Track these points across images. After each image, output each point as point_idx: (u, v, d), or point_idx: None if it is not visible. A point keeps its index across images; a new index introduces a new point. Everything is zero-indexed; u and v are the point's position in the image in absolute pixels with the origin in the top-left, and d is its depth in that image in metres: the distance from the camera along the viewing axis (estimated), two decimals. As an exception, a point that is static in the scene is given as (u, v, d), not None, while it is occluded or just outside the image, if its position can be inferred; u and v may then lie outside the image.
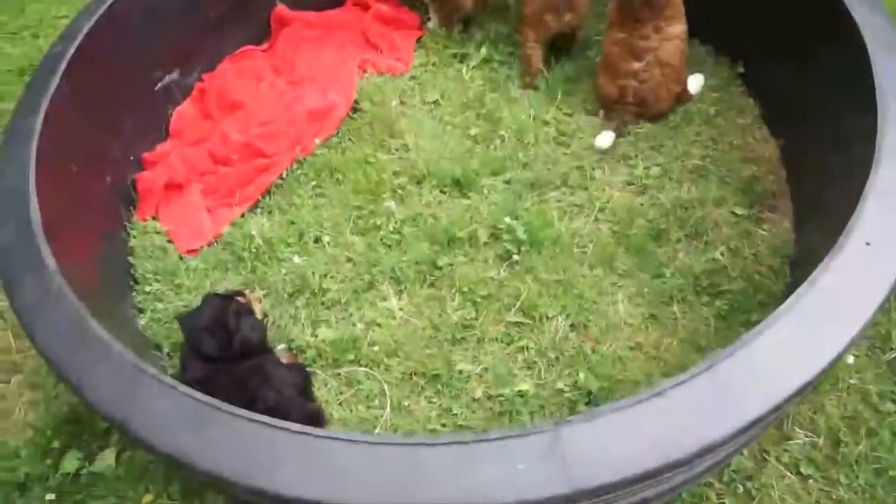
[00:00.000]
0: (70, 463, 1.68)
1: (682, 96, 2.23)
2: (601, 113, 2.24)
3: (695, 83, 2.27)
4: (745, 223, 1.94)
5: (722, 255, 1.86)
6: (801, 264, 1.73)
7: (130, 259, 2.02)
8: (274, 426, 1.12)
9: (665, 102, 2.19)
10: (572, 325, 1.77)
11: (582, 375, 1.66)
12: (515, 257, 1.89)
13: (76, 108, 1.88)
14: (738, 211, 1.96)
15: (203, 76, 2.50)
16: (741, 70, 2.31)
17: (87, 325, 1.31)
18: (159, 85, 2.30)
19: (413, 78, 2.46)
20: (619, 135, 2.15)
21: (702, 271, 1.83)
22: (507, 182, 2.10)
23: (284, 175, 2.17)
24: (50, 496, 1.66)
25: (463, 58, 2.50)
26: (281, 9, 2.65)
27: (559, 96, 2.29)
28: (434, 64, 2.51)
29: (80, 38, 1.92)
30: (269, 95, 2.44)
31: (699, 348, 1.71)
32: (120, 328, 1.55)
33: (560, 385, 1.67)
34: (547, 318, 1.78)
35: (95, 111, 2.00)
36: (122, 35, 2.09)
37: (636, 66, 2.12)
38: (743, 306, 1.75)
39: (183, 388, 1.20)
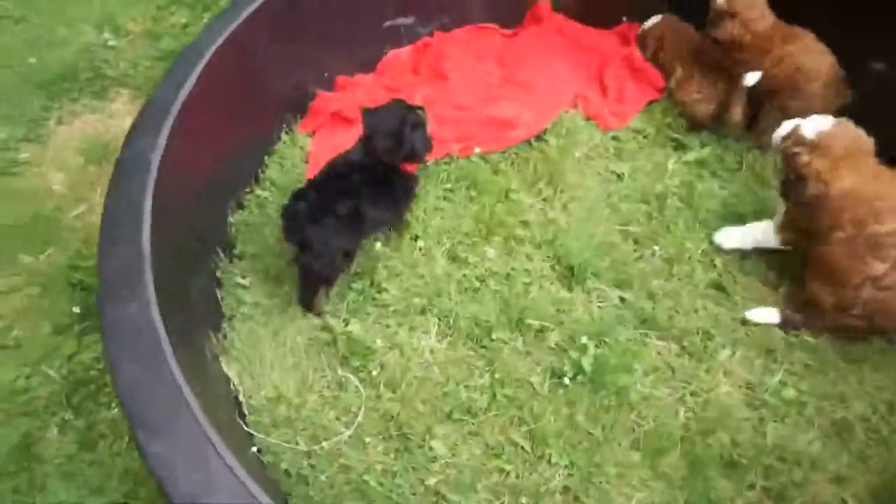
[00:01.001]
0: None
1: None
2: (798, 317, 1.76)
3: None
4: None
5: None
6: None
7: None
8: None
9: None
10: (566, 487, 1.53)
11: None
12: (566, 380, 1.66)
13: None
14: (854, 508, 1.50)
15: (435, 32, 2.49)
16: None
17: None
18: (388, 23, 2.34)
19: (615, 138, 2.21)
20: (786, 326, 1.75)
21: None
22: (622, 299, 1.82)
23: (428, 163, 2.11)
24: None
25: (679, 147, 2.18)
26: (544, 5, 2.52)
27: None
28: (646, 136, 2.22)
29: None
30: (477, 83, 2.37)
31: None
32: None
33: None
34: (549, 461, 1.55)
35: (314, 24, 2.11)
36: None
37: (880, 268, 1.61)
38: None
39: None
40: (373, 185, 1.74)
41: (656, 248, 1.91)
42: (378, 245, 1.92)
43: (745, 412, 1.63)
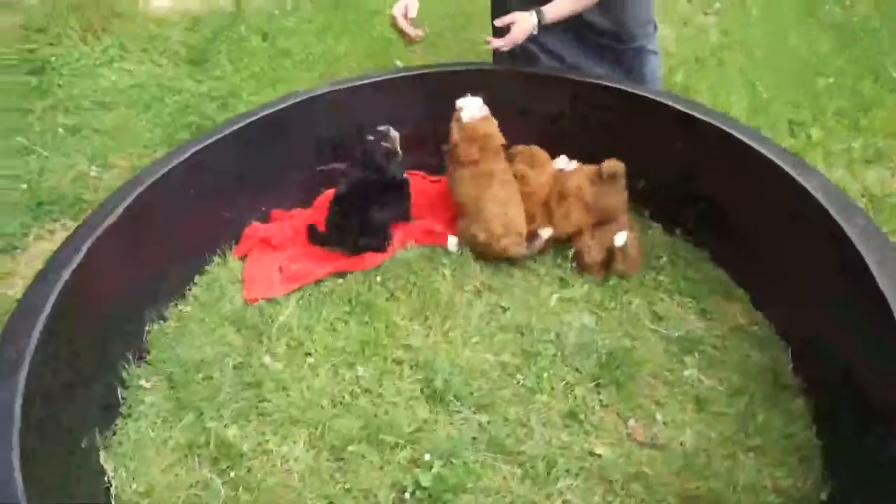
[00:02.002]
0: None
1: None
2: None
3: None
4: None
5: None
6: None
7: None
8: None
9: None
10: None
11: None
12: (406, 495, 1.77)
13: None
14: None
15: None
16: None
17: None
18: (322, 168, 2.72)
19: (509, 274, 2.45)
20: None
21: None
22: (479, 424, 1.96)
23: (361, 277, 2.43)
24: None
25: (564, 284, 2.40)
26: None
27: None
28: (537, 274, 2.46)
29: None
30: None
31: None
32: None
33: None
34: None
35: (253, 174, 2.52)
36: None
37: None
38: None
39: None
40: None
41: (520, 377, 2.08)
42: (268, 359, 2.14)
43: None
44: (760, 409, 1.96)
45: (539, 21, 2.37)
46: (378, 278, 2.42)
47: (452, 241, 2.52)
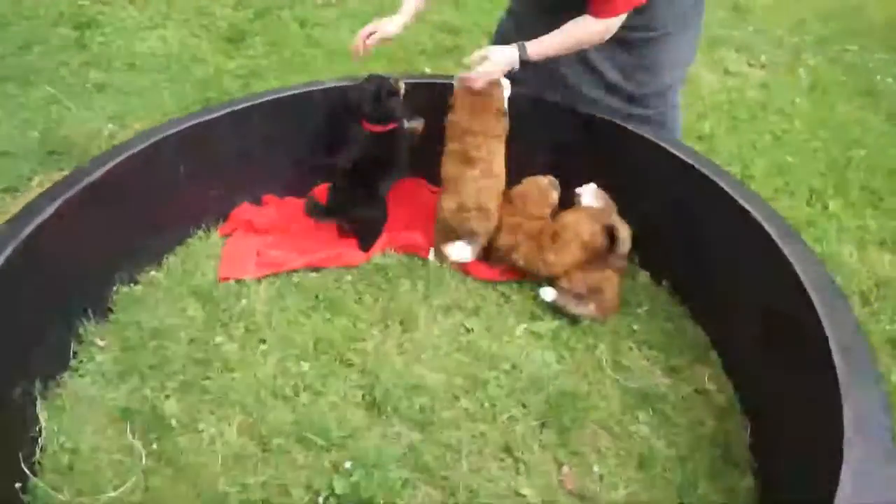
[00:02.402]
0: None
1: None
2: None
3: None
4: None
5: None
6: None
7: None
8: None
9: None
10: None
11: None
12: (320, 499, 1.74)
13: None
14: None
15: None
16: None
17: None
18: (316, 163, 2.73)
19: (481, 296, 2.41)
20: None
21: None
22: (411, 442, 1.92)
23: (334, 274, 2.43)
24: None
25: (534, 317, 2.34)
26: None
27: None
28: (509, 300, 2.41)
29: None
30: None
31: None
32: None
33: None
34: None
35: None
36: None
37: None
38: None
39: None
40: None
41: (465, 402, 2.03)
42: (221, 339, 2.15)
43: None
44: (704, 480, 1.87)
45: (521, 56, 2.15)
46: (349, 279, 2.41)
47: (433, 252, 2.50)
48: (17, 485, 1.70)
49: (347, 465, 1.80)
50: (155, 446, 1.87)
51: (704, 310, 2.33)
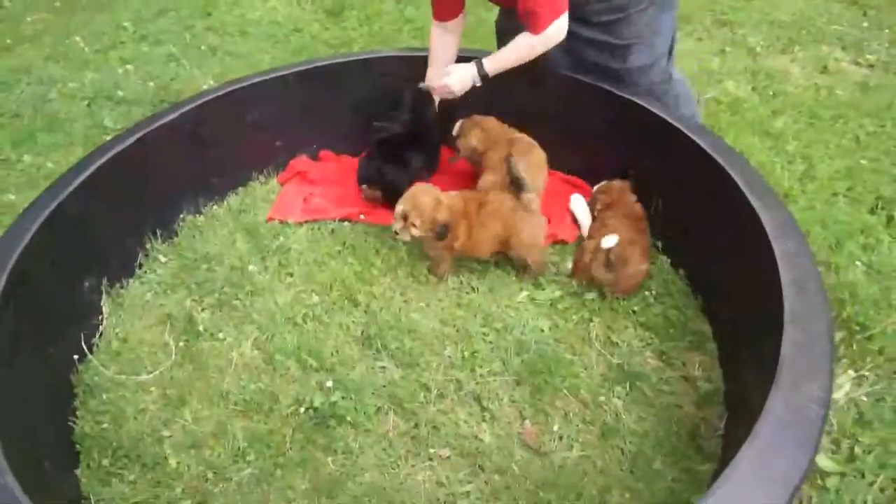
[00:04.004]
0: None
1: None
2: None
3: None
4: None
5: None
6: None
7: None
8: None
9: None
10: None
11: None
12: (301, 410, 2.01)
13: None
14: None
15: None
16: None
17: None
18: (377, 123, 2.96)
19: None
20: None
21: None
22: (393, 379, 2.12)
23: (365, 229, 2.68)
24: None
25: (538, 286, 2.43)
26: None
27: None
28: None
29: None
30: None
31: None
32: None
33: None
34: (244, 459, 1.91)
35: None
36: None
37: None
38: None
39: None
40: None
41: (450, 351, 2.19)
42: (255, 269, 2.48)
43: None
44: (662, 458, 1.90)
45: (479, 72, 2.43)
46: (376, 233, 2.64)
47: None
48: (75, 356, 2.13)
49: (330, 383, 2.05)
50: (183, 346, 2.23)
51: (712, 303, 2.30)
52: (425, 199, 2.27)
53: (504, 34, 2.66)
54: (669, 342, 2.22)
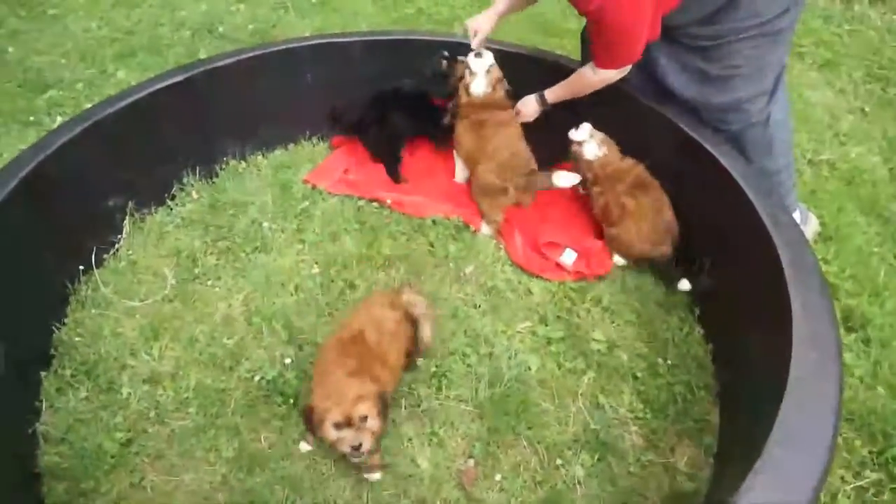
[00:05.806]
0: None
1: None
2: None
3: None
4: None
5: None
6: None
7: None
8: None
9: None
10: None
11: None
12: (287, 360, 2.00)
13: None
14: None
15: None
16: None
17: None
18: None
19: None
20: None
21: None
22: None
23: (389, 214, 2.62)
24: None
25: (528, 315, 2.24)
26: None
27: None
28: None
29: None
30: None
31: None
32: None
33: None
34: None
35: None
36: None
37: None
38: None
39: None
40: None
41: (422, 361, 2.07)
42: (271, 227, 2.48)
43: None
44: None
45: (540, 101, 2.50)
46: (398, 219, 2.56)
47: (485, 228, 2.52)
48: (81, 267, 2.24)
49: (288, 360, 2.02)
50: (179, 284, 2.28)
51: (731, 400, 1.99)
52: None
53: (587, 42, 2.46)
54: (664, 421, 1.96)
